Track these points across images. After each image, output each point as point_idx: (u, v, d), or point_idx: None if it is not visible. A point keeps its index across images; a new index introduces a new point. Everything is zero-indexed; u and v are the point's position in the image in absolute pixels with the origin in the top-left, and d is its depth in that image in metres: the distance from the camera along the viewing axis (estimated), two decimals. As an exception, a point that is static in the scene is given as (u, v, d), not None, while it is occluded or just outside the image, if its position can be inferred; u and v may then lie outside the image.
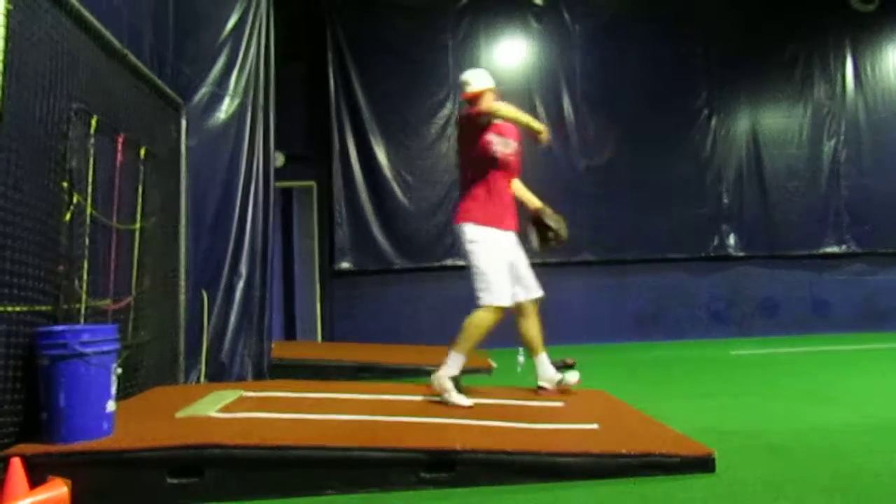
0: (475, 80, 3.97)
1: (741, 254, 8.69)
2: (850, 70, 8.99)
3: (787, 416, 3.90)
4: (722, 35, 8.75)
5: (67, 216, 3.11)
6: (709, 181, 8.71)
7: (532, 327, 4.05)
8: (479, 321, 3.69)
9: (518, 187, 4.18)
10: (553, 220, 4.09)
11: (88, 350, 2.72)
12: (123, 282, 3.79)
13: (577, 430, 3.14)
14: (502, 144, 3.92)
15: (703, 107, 8.76)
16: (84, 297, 3.24)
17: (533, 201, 4.20)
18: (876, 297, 8.76)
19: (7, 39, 2.59)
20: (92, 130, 3.36)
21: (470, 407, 3.50)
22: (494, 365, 6.13)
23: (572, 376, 4.03)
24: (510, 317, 3.64)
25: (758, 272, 8.74)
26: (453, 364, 3.68)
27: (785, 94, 8.88)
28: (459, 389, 3.63)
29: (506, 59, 8.70)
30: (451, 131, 8.47)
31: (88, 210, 3.32)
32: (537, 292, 4.05)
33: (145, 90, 4.17)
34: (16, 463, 2.34)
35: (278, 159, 6.71)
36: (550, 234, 4.08)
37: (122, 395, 3.35)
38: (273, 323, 5.71)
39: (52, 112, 3.00)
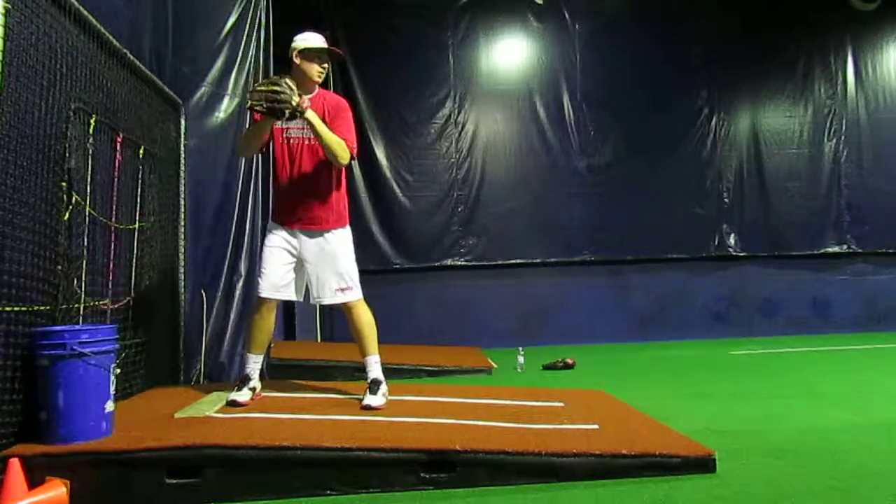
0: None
1: (742, 254, 8.68)
2: (851, 69, 8.97)
3: (787, 416, 3.89)
4: (722, 35, 8.72)
5: (66, 216, 3.11)
6: (709, 181, 8.70)
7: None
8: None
9: None
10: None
11: (87, 350, 2.72)
12: (122, 282, 3.79)
13: (578, 431, 3.14)
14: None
15: (703, 107, 8.75)
16: (83, 297, 3.24)
17: None
18: (876, 297, 8.76)
19: (5, 39, 2.59)
20: (91, 130, 3.36)
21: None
22: (494, 365, 6.13)
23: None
24: (519, 319, 3.54)
25: (758, 272, 8.73)
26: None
27: (785, 93, 8.87)
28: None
29: (506, 58, 8.69)
30: (452, 131, 8.47)
31: (87, 210, 3.32)
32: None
33: (144, 90, 4.17)
34: (14, 464, 2.34)
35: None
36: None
37: (121, 396, 3.35)
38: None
39: (50, 112, 2.99)
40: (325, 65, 3.58)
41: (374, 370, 3.66)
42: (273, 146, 3.60)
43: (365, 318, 3.69)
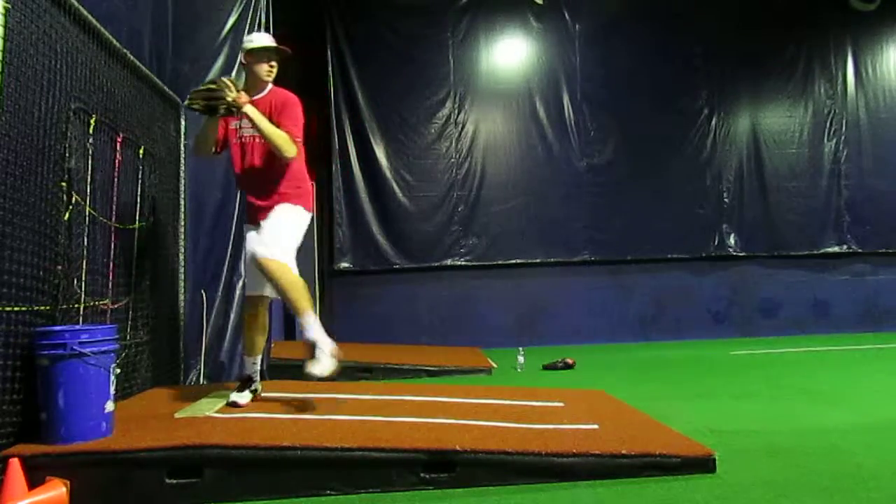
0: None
1: (741, 254, 8.68)
2: (851, 69, 8.98)
3: (787, 416, 3.89)
4: (722, 35, 8.73)
5: (66, 216, 3.11)
6: (709, 181, 8.71)
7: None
8: None
9: None
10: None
11: (87, 350, 2.71)
12: (122, 282, 3.79)
13: (577, 430, 3.14)
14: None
15: (703, 107, 8.76)
16: (83, 297, 3.24)
17: None
18: (876, 297, 8.76)
19: (5, 39, 2.59)
20: (91, 130, 3.36)
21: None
22: (494, 365, 6.13)
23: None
24: (519, 319, 3.51)
25: (758, 272, 8.74)
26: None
27: (785, 93, 8.88)
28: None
29: (506, 58, 8.69)
30: (452, 131, 8.48)
31: (87, 210, 3.32)
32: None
33: (144, 90, 4.17)
34: (14, 463, 2.34)
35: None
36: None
37: (121, 396, 3.35)
38: (273, 323, 5.70)
39: (50, 111, 2.99)
40: (274, 63, 3.61)
41: (307, 330, 3.45)
42: (230, 147, 3.65)
43: (278, 277, 3.41)
